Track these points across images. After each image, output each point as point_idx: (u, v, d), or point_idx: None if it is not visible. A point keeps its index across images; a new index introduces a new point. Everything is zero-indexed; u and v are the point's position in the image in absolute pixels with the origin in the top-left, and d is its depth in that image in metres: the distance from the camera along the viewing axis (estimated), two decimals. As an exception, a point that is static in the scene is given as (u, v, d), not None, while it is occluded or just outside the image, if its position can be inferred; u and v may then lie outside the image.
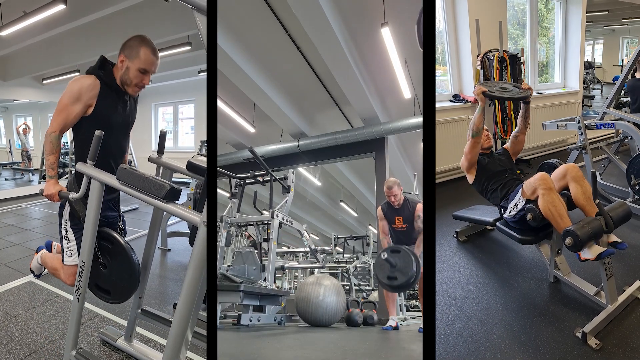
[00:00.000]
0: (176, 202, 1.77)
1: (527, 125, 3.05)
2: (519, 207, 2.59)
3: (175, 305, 1.75)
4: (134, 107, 2.30)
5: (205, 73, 2.00)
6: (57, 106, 2.08)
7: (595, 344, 2.13)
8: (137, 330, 2.88)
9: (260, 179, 5.39)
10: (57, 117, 2.08)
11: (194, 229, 1.82)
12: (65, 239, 2.22)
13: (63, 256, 2.25)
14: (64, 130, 2.11)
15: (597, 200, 2.39)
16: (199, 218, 1.63)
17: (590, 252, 2.22)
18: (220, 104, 6.81)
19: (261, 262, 4.81)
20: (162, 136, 2.45)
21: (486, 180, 2.94)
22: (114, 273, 2.19)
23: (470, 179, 3.02)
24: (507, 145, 3.17)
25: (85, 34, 7.37)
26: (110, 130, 2.09)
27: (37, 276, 2.75)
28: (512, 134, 3.16)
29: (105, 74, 2.11)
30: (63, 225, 2.22)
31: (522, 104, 3.04)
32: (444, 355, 2.16)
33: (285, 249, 10.33)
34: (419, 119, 6.43)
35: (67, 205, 2.19)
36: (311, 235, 10.46)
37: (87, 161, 1.95)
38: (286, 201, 5.21)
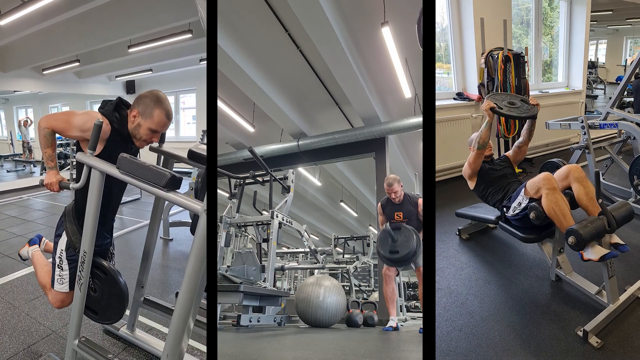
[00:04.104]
0: (177, 191, 1.75)
1: (530, 138, 3.12)
2: (522, 205, 2.59)
3: (177, 294, 1.73)
4: (137, 151, 2.27)
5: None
6: (65, 114, 2.08)
7: (596, 342, 2.12)
8: (139, 319, 2.91)
9: (260, 179, 5.38)
10: (57, 120, 2.08)
11: (195, 217, 1.81)
12: (59, 268, 2.22)
13: (53, 280, 2.25)
14: (56, 133, 2.10)
15: (600, 200, 2.38)
16: (200, 206, 1.62)
17: (593, 253, 2.22)
18: (220, 104, 6.80)
19: (261, 263, 4.80)
20: None
21: (487, 186, 3.01)
22: (104, 298, 2.22)
23: (472, 185, 3.09)
24: (509, 153, 3.24)
25: (85, 23, 7.29)
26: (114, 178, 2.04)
27: (24, 260, 2.74)
28: (516, 144, 3.22)
29: (118, 120, 2.06)
30: (58, 255, 2.22)
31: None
32: (446, 351, 2.15)
33: (285, 249, 10.32)
34: (419, 119, 6.40)
35: (63, 234, 2.20)
36: (311, 235, 10.45)
37: (87, 151, 1.93)
38: (286, 201, 5.19)
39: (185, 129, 12.43)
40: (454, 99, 5.15)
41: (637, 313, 2.36)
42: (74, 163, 2.09)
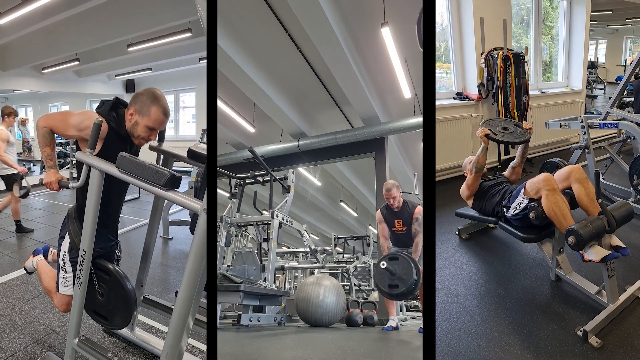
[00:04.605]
0: (177, 190, 1.76)
1: (524, 160, 3.30)
2: (522, 206, 2.59)
3: (176, 292, 1.74)
4: (137, 151, 2.26)
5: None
6: (62, 114, 2.10)
7: (596, 342, 2.12)
8: (139, 318, 2.92)
9: (260, 179, 5.38)
10: (54, 120, 2.08)
11: (194, 216, 1.81)
12: (62, 270, 2.23)
13: (58, 284, 2.26)
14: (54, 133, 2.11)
15: (599, 200, 2.38)
16: (200, 205, 1.62)
17: (594, 254, 2.21)
18: (220, 104, 6.80)
19: (261, 262, 4.81)
20: None
21: (483, 196, 3.08)
22: (110, 302, 2.23)
23: (471, 203, 3.21)
24: (506, 173, 3.36)
25: (84, 22, 7.29)
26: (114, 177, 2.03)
27: (30, 273, 2.75)
28: (510, 164, 3.36)
29: (115, 120, 2.07)
30: (61, 256, 2.22)
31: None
32: (446, 351, 2.15)
33: (285, 249, 10.32)
34: (419, 119, 6.41)
35: (66, 236, 2.21)
36: (311, 235, 10.46)
37: (87, 150, 1.94)
38: (286, 201, 5.20)
39: (185, 127, 12.43)
40: (454, 98, 5.15)
41: (637, 313, 2.36)
42: (74, 162, 2.10)
